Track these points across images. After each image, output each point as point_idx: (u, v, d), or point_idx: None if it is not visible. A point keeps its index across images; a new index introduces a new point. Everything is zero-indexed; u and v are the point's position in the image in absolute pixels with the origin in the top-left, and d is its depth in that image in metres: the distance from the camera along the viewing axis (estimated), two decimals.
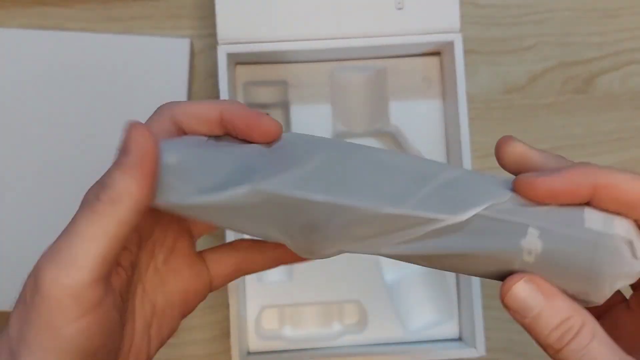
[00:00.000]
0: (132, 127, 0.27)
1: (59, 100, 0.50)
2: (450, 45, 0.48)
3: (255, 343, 0.50)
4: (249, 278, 0.51)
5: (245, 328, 0.50)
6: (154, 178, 0.27)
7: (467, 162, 0.47)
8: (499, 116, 0.54)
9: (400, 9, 0.47)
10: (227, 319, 0.49)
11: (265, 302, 0.51)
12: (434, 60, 0.52)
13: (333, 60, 0.52)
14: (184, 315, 0.34)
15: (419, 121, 0.52)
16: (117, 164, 0.27)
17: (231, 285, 0.47)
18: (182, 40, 0.51)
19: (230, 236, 0.46)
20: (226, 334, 0.51)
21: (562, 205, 0.28)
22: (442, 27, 0.48)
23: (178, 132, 0.30)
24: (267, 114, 0.30)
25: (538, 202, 0.28)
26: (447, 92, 0.51)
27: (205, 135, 0.30)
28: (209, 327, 0.52)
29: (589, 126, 0.54)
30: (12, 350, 0.27)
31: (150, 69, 0.50)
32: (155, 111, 0.30)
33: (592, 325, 0.27)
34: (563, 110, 0.54)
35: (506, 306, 0.28)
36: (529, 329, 0.28)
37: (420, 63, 0.52)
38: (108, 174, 0.27)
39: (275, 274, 0.51)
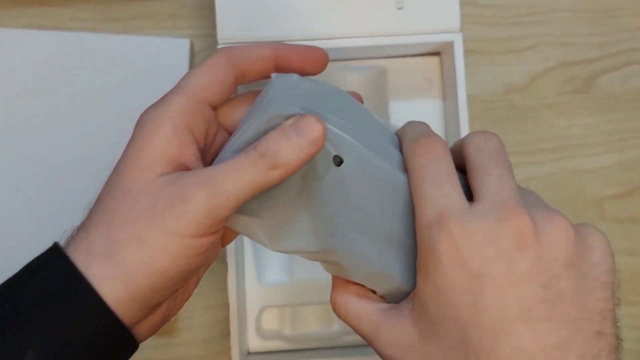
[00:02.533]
0: (311, 115, 0.30)
1: (59, 100, 0.50)
2: (450, 45, 0.48)
3: (255, 343, 0.50)
4: (248, 278, 0.51)
5: (245, 328, 0.50)
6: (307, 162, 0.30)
7: None
8: (499, 116, 0.54)
9: (400, 9, 0.47)
10: (227, 319, 0.49)
11: (265, 302, 0.51)
12: (434, 60, 0.52)
13: (333, 60, 0.51)
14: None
15: None
16: (287, 138, 0.29)
17: (231, 285, 0.46)
18: (182, 40, 0.51)
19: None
20: (226, 334, 0.51)
21: None
22: (442, 27, 0.47)
23: (234, 71, 0.33)
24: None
25: None
26: (447, 92, 0.51)
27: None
28: (209, 327, 0.52)
29: (589, 126, 0.54)
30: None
31: (150, 69, 0.50)
32: (214, 55, 0.33)
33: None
34: (563, 110, 0.54)
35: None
36: None
37: (420, 63, 0.52)
38: (278, 143, 0.29)
39: (275, 274, 0.51)
